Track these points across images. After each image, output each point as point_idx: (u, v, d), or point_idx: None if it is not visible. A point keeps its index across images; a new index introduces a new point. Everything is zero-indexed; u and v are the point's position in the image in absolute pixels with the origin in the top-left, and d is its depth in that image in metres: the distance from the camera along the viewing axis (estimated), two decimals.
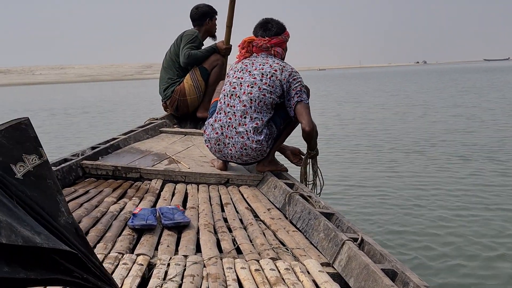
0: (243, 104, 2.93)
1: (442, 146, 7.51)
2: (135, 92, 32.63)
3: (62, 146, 8.46)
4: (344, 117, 11.95)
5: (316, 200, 2.47)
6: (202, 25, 4.79)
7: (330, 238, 1.96)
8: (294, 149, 3.34)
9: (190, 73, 4.70)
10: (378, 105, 15.40)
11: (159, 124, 4.54)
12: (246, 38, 3.11)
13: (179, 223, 2.11)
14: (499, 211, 4.20)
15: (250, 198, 2.71)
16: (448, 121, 10.52)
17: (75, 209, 2.31)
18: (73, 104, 21.09)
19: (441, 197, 4.66)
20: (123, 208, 2.42)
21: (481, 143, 7.54)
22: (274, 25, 3.09)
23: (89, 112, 16.39)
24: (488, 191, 4.83)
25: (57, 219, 1.00)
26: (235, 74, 3.04)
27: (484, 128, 9.21)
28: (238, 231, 2.14)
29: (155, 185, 2.89)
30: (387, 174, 5.75)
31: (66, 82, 79.21)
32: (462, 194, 4.76)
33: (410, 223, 3.97)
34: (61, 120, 14.15)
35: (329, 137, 8.31)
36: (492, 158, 6.37)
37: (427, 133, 8.87)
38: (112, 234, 2.02)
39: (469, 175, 5.53)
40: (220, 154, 3.08)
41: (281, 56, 3.11)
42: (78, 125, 12.50)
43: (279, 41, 3.09)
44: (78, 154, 3.24)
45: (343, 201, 4.57)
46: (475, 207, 4.33)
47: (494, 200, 4.53)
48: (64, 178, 2.83)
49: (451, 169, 5.91)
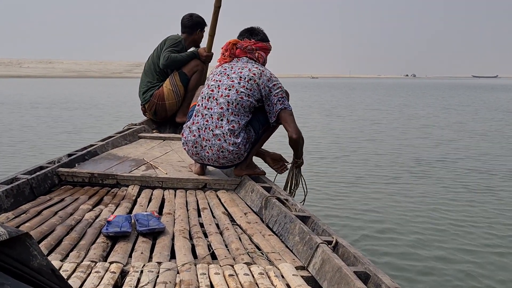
0: (220, 106, 2.93)
1: (416, 152, 7.65)
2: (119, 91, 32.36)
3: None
4: (325, 127, 12.00)
5: (293, 204, 2.47)
6: (192, 34, 4.80)
7: (305, 242, 1.96)
8: (274, 155, 3.26)
9: (169, 78, 4.69)
10: (353, 116, 15.50)
11: (137, 129, 4.51)
12: (231, 40, 3.12)
13: (154, 229, 2.10)
14: (472, 215, 4.29)
15: (227, 202, 2.71)
16: (423, 129, 10.67)
17: (49, 217, 2.29)
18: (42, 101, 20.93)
19: (416, 201, 4.73)
20: (99, 216, 2.39)
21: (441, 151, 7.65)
22: (261, 32, 3.14)
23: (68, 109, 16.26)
24: (460, 198, 4.94)
25: (29, 264, 0.98)
26: (214, 77, 3.05)
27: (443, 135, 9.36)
28: (214, 236, 2.13)
29: (131, 192, 2.87)
30: (367, 180, 5.79)
31: (53, 76, 78.38)
32: (436, 198, 4.85)
33: (387, 225, 4.01)
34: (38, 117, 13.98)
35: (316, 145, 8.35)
36: (460, 167, 6.46)
37: (402, 141, 8.99)
38: (86, 242, 2.00)
39: (439, 180, 5.67)
40: (197, 157, 3.07)
41: (263, 61, 3.12)
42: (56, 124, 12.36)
43: (264, 46, 3.11)
44: (54, 162, 3.20)
45: (324, 204, 4.59)
46: (447, 210, 4.43)
47: (466, 206, 4.65)
48: (39, 186, 2.80)
49: (425, 174, 6.02)
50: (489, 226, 4.00)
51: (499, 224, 4.05)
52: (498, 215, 4.27)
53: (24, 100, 21.05)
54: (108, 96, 26.88)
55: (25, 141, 8.85)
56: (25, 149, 7.93)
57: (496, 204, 4.62)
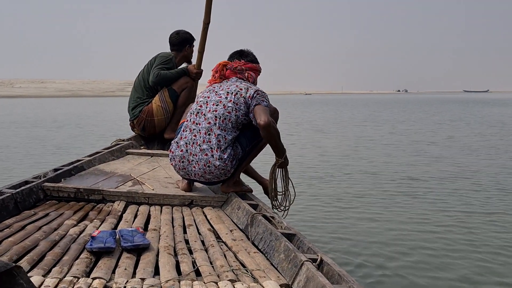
0: (208, 121, 2.95)
1: (406, 171, 7.69)
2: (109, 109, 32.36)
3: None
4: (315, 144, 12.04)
5: (279, 221, 2.47)
6: (181, 51, 4.82)
7: (290, 259, 1.96)
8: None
9: (159, 94, 4.70)
10: (341, 132, 15.59)
11: (125, 145, 4.50)
12: (222, 62, 3.16)
13: (138, 245, 2.09)
14: (469, 238, 4.27)
15: (213, 219, 2.70)
16: (414, 145, 10.75)
17: (33, 232, 2.27)
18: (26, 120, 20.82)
19: (404, 221, 4.74)
20: (83, 231, 2.38)
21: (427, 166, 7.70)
22: (250, 54, 3.20)
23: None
24: (449, 216, 4.94)
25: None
26: (203, 94, 3.11)
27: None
28: (199, 253, 2.12)
29: (117, 207, 2.86)
30: (355, 198, 5.81)
31: (45, 96, 78.12)
32: (425, 217, 4.84)
33: (373, 244, 4.01)
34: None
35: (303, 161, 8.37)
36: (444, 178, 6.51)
37: (392, 159, 9.04)
38: (70, 257, 1.98)
39: (429, 198, 5.69)
40: (184, 172, 3.07)
41: (253, 81, 3.15)
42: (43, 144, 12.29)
43: (254, 67, 3.16)
44: (40, 176, 3.18)
45: (310, 221, 4.59)
46: (438, 230, 4.42)
47: (453, 221, 4.67)
48: (24, 201, 2.77)
49: (414, 192, 6.04)
50: (483, 245, 3.97)
51: (495, 246, 3.98)
52: (495, 237, 4.22)
53: (9, 119, 20.87)
54: (96, 114, 26.81)
55: (10, 159, 8.78)
56: (10, 165, 7.86)
57: (490, 225, 4.57)
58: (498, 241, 4.10)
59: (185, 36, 4.83)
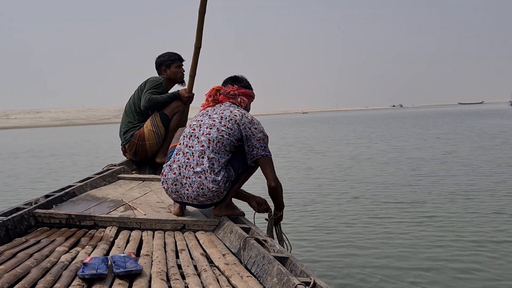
0: (201, 144, 2.97)
1: (401, 189, 7.68)
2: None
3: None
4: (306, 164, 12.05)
5: (271, 244, 2.47)
6: (161, 73, 4.86)
7: (283, 283, 1.96)
8: (260, 199, 3.25)
9: (150, 118, 4.71)
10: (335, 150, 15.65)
11: (117, 170, 4.50)
12: (215, 86, 3.22)
13: (130, 272, 2.08)
14: (451, 248, 4.29)
15: (205, 243, 2.70)
16: (409, 162, 10.79)
17: (24, 260, 2.25)
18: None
19: (401, 242, 4.73)
20: (75, 258, 2.36)
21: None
22: (244, 80, 3.27)
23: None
24: (445, 235, 4.94)
25: None
26: (196, 117, 3.15)
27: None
28: (191, 278, 2.12)
29: (109, 233, 2.85)
30: (349, 219, 5.81)
31: (40, 126, 77.99)
32: (421, 237, 4.84)
33: (366, 267, 4.01)
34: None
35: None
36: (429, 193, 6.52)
37: (387, 177, 9.07)
38: (61, 285, 1.97)
39: (423, 217, 5.69)
40: (176, 195, 3.07)
41: (246, 107, 3.20)
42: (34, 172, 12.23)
43: (247, 92, 3.22)
44: (31, 203, 3.17)
45: (303, 244, 4.58)
46: (435, 249, 4.42)
47: (447, 238, 4.66)
48: (15, 228, 2.76)
49: (408, 211, 6.04)
50: (482, 268, 3.95)
51: (496, 267, 3.99)
52: (494, 256, 4.21)
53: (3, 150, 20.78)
54: (89, 141, 26.75)
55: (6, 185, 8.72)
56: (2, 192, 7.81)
57: (492, 243, 4.57)
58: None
59: (158, 60, 4.86)
